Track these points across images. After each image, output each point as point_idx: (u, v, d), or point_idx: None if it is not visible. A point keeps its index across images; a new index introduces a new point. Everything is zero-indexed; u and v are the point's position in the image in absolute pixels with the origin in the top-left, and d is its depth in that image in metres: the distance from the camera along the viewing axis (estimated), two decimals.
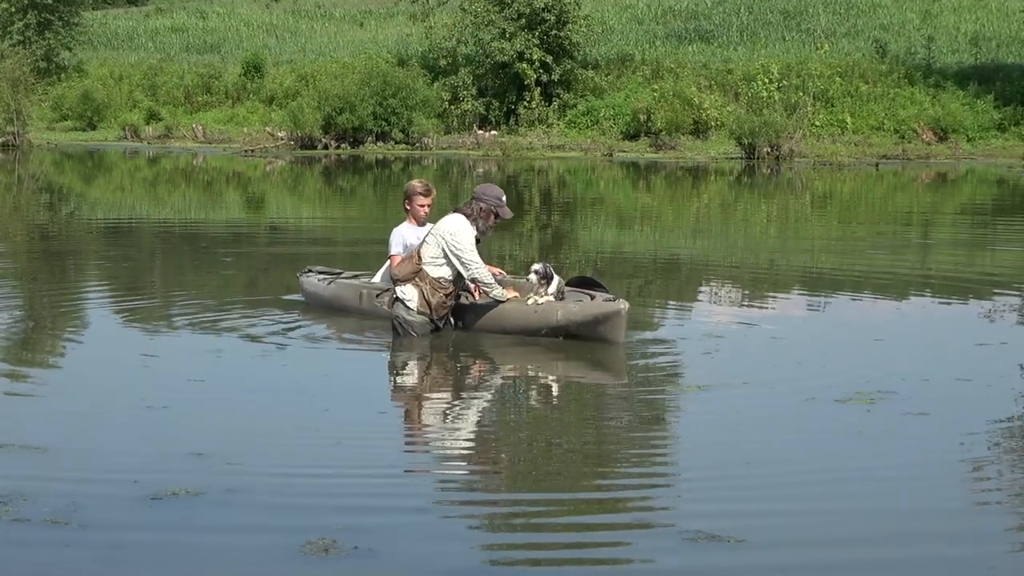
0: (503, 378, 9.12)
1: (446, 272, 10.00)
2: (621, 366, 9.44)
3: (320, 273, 11.72)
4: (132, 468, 6.33)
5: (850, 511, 5.85)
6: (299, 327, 10.57)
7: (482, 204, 10.04)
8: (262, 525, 5.55)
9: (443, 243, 9.93)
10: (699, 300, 12.35)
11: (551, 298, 9.97)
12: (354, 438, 7.12)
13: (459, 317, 10.36)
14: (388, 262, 11.00)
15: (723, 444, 7.05)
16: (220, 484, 6.06)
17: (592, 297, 10.06)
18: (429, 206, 10.99)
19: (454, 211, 10.15)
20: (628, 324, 9.78)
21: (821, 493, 6.16)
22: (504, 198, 10.13)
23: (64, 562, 5.10)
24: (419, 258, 10.03)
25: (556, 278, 10.07)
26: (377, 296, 10.81)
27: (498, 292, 10.06)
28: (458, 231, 9.96)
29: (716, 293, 12.96)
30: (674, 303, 12.07)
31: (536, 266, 10.08)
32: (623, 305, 9.75)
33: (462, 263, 9.92)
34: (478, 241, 10.10)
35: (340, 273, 11.70)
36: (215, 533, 5.46)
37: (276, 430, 7.29)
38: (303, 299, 11.71)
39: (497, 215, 10.12)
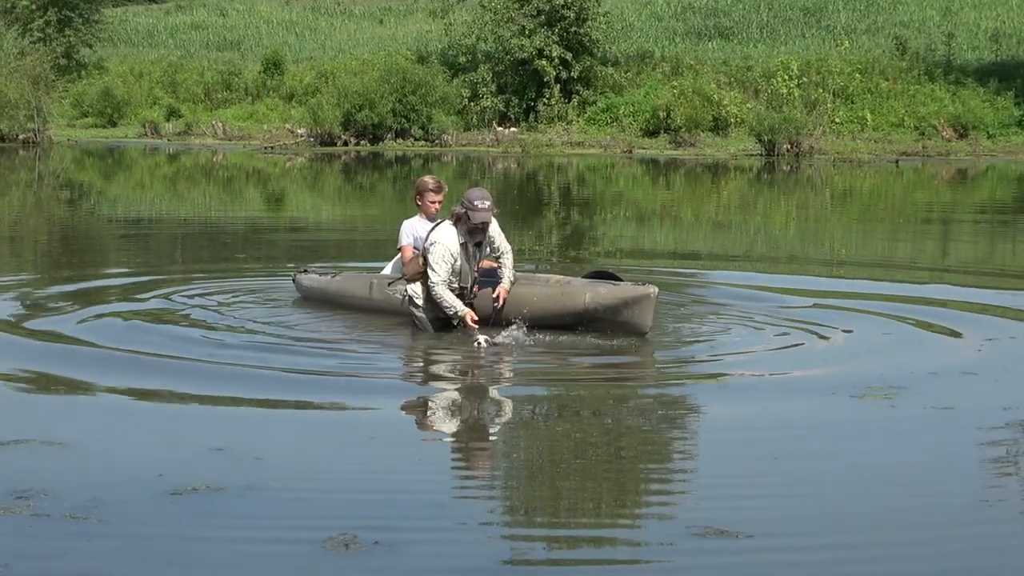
0: (524, 376, 9.08)
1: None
2: (648, 360, 9.41)
3: (319, 272, 11.65)
4: (154, 463, 6.35)
5: (867, 507, 5.86)
6: (313, 324, 10.60)
7: (456, 209, 9.94)
8: (283, 520, 5.57)
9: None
10: (714, 295, 12.34)
11: (501, 340, 9.56)
12: (378, 435, 7.16)
13: (478, 311, 10.09)
14: (400, 254, 11.01)
15: (740, 438, 7.04)
16: (242, 480, 6.08)
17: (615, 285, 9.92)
18: (440, 202, 10.94)
19: (452, 214, 10.08)
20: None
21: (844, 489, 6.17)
22: (482, 203, 9.78)
23: (84, 557, 5.13)
24: (424, 258, 10.04)
25: (513, 326, 9.71)
26: (389, 284, 10.79)
27: (454, 311, 9.86)
28: (434, 243, 9.90)
29: (731, 287, 12.94)
30: (689, 298, 12.06)
31: (481, 338, 9.51)
32: (652, 289, 9.59)
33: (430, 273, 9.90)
34: (478, 246, 10.02)
35: (337, 273, 11.61)
36: (236, 528, 5.48)
37: (300, 427, 7.34)
38: (301, 297, 11.68)
39: (471, 219, 9.84)
